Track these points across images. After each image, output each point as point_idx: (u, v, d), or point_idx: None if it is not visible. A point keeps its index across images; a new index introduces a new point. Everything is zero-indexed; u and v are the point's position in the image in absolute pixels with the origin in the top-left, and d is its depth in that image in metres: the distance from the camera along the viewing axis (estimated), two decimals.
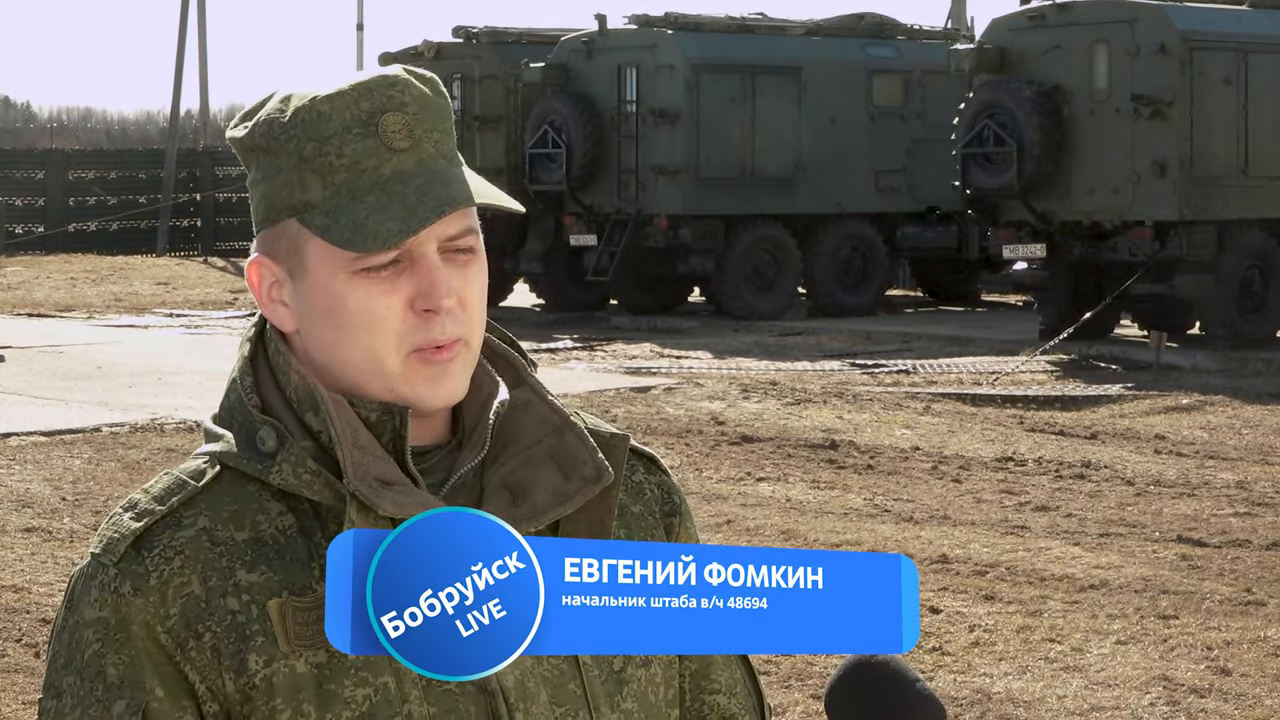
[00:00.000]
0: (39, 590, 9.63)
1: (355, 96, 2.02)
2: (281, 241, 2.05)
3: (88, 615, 1.99)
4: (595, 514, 2.08)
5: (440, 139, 2.04)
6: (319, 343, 2.04)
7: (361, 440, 2.01)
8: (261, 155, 2.05)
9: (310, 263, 2.02)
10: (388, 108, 2.02)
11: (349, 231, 1.98)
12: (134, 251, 38.36)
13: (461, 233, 2.02)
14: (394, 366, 2.01)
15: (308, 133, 2.01)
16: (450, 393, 2.03)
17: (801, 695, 8.00)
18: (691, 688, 2.20)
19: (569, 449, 2.08)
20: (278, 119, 2.03)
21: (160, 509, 2.01)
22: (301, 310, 2.05)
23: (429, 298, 1.99)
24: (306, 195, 2.02)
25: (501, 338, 2.17)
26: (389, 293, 2.00)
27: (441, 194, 1.99)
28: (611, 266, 25.90)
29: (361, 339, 2.01)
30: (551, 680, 2.05)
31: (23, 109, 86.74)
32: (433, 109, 2.04)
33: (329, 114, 2.01)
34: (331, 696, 1.97)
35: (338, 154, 2.00)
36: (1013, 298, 29.57)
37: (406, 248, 1.99)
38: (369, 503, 1.97)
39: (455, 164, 2.04)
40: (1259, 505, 12.24)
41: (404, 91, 2.03)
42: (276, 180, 2.03)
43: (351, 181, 2.00)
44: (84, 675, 1.98)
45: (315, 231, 2.01)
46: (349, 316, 2.00)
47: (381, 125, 2.01)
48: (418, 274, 2.00)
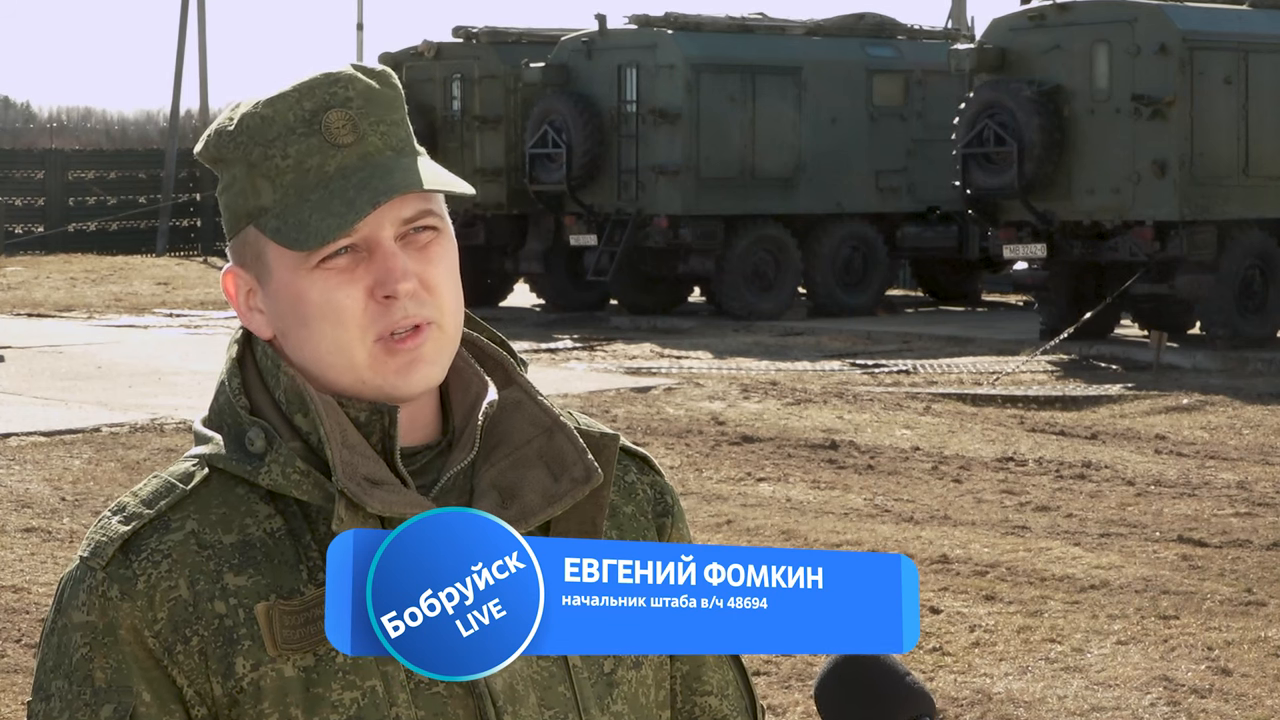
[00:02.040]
0: (39, 590, 9.63)
1: (297, 97, 2.02)
2: (247, 249, 2.06)
3: (75, 619, 1.99)
4: (586, 515, 2.08)
5: (388, 130, 2.03)
6: (294, 344, 2.04)
7: (350, 440, 2.00)
8: (220, 166, 2.06)
9: (273, 266, 2.03)
10: (330, 104, 2.02)
11: (294, 231, 1.99)
12: (134, 251, 38.38)
13: (418, 214, 2.02)
14: (361, 357, 2.01)
15: (253, 138, 2.02)
16: (424, 378, 2.03)
17: (801, 695, 7.99)
18: (682, 689, 2.19)
19: (558, 450, 2.07)
20: (226, 128, 2.05)
21: (148, 513, 2.01)
22: (275, 314, 2.05)
23: (385, 284, 2.00)
24: (259, 200, 2.02)
25: (491, 337, 2.16)
26: (349, 283, 2.00)
27: (380, 185, 1.99)
28: (611, 266, 25.90)
29: (328, 332, 2.01)
30: (540, 683, 2.04)
31: (23, 109, 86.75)
32: (379, 101, 2.04)
33: (272, 117, 2.02)
34: (319, 700, 1.96)
35: (283, 155, 2.01)
36: (1013, 298, 29.57)
37: (362, 236, 2.00)
38: (357, 500, 1.96)
39: (406, 153, 2.04)
40: (1259, 505, 12.23)
41: (347, 87, 2.03)
42: (234, 189, 2.05)
43: (298, 182, 2.01)
44: (72, 679, 1.98)
45: (268, 234, 2.01)
46: (313, 309, 2.01)
47: (324, 122, 2.01)
48: (374, 262, 2.00)
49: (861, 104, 26.93)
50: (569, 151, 26.05)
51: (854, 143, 26.76)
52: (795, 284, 26.62)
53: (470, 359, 2.12)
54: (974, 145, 22.19)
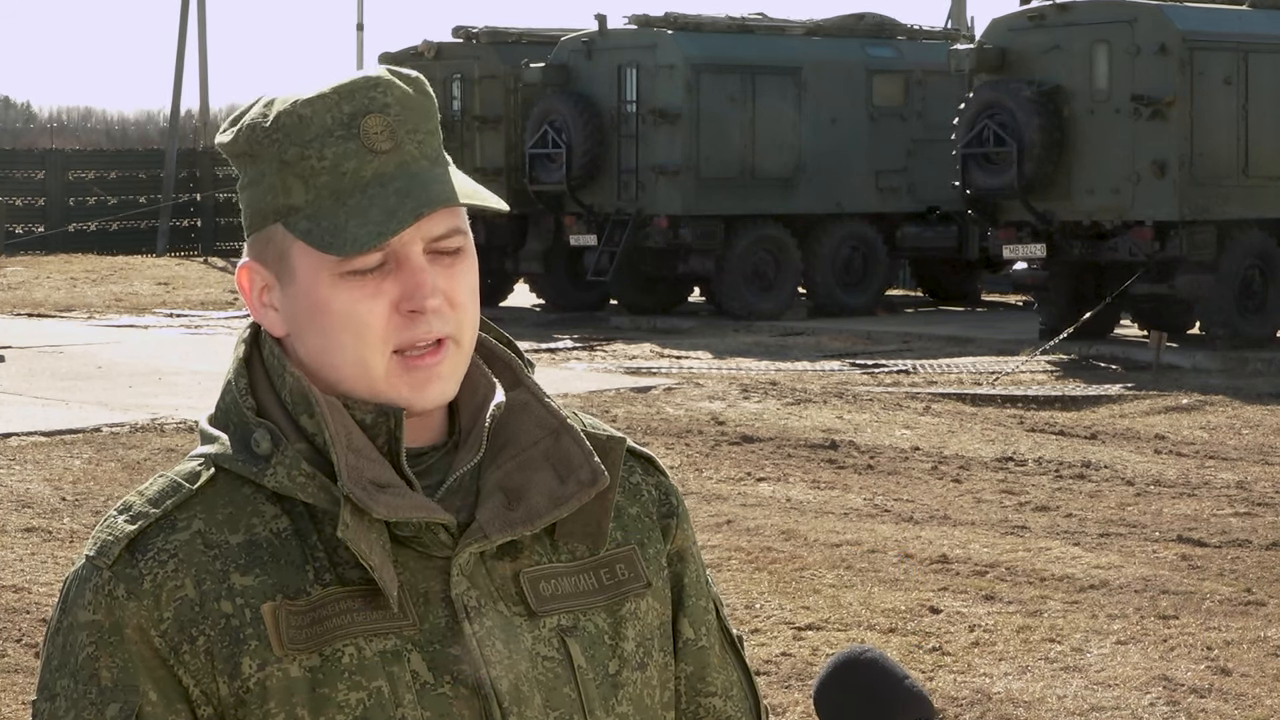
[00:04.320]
0: (39, 590, 9.63)
1: (336, 99, 2.01)
2: (269, 246, 2.04)
3: (81, 618, 1.98)
4: (592, 517, 2.08)
5: (424, 139, 2.03)
6: (308, 348, 2.04)
7: (356, 443, 2.00)
8: (247, 160, 2.04)
9: (297, 267, 2.02)
10: (369, 109, 2.01)
11: (329, 235, 1.98)
12: (134, 251, 38.36)
13: (448, 233, 2.01)
14: (378, 369, 2.01)
15: (289, 137, 2.01)
16: (438, 394, 2.03)
17: (801, 695, 8.00)
18: (687, 690, 2.19)
19: (565, 452, 2.07)
20: (260, 124, 2.02)
21: (155, 512, 2.01)
22: (290, 315, 2.04)
23: (413, 299, 1.99)
24: (290, 199, 2.01)
25: (499, 338, 2.16)
26: (373, 296, 1.99)
27: (421, 195, 1.98)
28: (611, 266, 25.90)
29: (348, 344, 2.00)
30: (546, 684, 2.04)
31: (23, 109, 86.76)
32: (416, 109, 2.03)
33: (310, 117, 2.00)
34: (325, 700, 1.96)
35: (319, 157, 2.00)
36: (1013, 298, 29.57)
37: (391, 249, 1.99)
38: (363, 505, 1.96)
39: (439, 164, 2.03)
40: (1259, 505, 12.24)
41: (386, 93, 2.02)
42: (261, 185, 2.03)
43: (333, 184, 2.00)
44: (78, 678, 1.98)
45: (298, 235, 2.00)
46: (334, 320, 2.00)
47: (363, 127, 2.00)
48: (402, 276, 2.00)
49: (861, 104, 26.93)
50: (569, 151, 26.04)
51: (854, 143, 26.76)
52: (795, 284, 26.62)
53: (478, 360, 2.11)
54: (974, 145, 22.19)
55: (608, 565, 2.11)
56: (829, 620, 9.25)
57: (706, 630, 2.19)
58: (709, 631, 2.19)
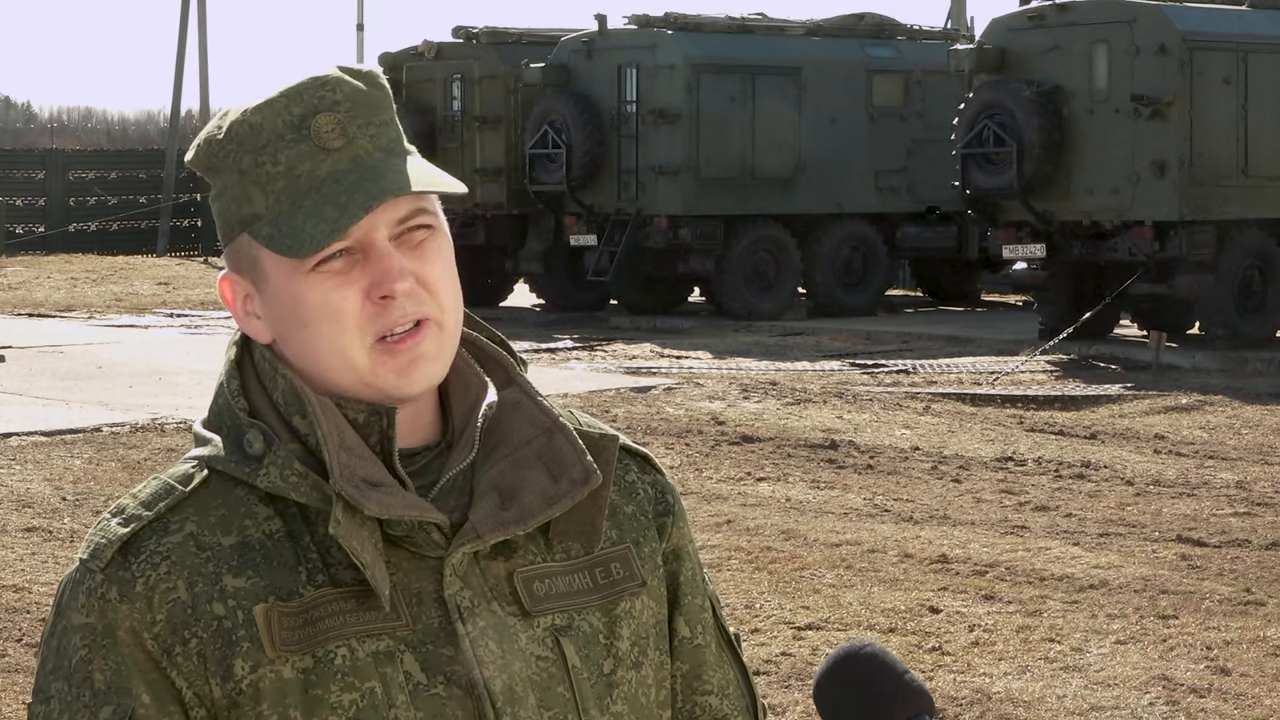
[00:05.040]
0: (39, 590, 9.63)
1: (285, 103, 2.03)
2: (242, 256, 2.06)
3: (75, 621, 1.99)
4: (586, 515, 2.08)
5: (377, 132, 2.04)
6: (294, 348, 2.05)
7: (348, 441, 2.01)
8: (211, 174, 2.07)
9: (269, 271, 2.04)
10: (319, 109, 2.02)
11: (288, 239, 2.00)
12: (134, 251, 38.38)
13: (411, 213, 2.03)
14: (360, 358, 2.02)
15: (243, 146, 2.03)
16: (425, 375, 2.03)
17: (801, 695, 8.00)
18: (683, 688, 2.18)
19: (558, 451, 2.08)
20: (215, 136, 2.05)
21: (147, 514, 2.01)
22: (272, 318, 2.05)
23: (382, 285, 2.00)
24: (252, 208, 2.03)
25: (491, 337, 2.16)
26: (345, 284, 2.01)
27: (372, 188, 1.99)
28: (611, 266, 25.90)
29: (326, 333, 2.01)
30: (540, 684, 2.03)
31: (23, 109, 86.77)
32: (367, 103, 2.04)
33: (261, 124, 2.02)
34: (318, 702, 1.96)
35: (273, 162, 2.02)
36: (1013, 298, 29.57)
37: (357, 239, 2.01)
38: (355, 503, 1.97)
39: (396, 154, 2.04)
40: (1259, 505, 12.24)
41: (335, 90, 2.03)
42: (225, 196, 2.06)
43: (290, 188, 2.02)
44: (71, 681, 1.98)
45: (262, 242, 2.02)
46: (312, 313, 2.01)
47: (313, 127, 2.02)
48: (370, 263, 2.01)
49: (861, 104, 26.93)
50: (569, 151, 26.04)
51: (854, 143, 26.76)
52: (795, 284, 26.62)
53: (470, 359, 2.12)
54: (973, 145, 22.18)
55: (602, 564, 2.11)
56: (829, 620, 9.25)
57: (703, 629, 2.19)
58: (705, 630, 2.19)
